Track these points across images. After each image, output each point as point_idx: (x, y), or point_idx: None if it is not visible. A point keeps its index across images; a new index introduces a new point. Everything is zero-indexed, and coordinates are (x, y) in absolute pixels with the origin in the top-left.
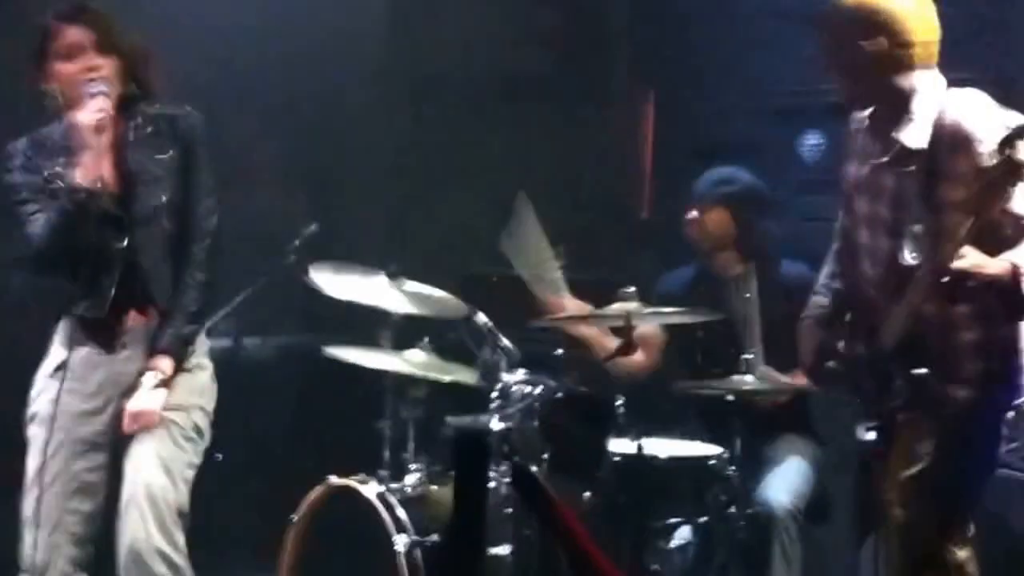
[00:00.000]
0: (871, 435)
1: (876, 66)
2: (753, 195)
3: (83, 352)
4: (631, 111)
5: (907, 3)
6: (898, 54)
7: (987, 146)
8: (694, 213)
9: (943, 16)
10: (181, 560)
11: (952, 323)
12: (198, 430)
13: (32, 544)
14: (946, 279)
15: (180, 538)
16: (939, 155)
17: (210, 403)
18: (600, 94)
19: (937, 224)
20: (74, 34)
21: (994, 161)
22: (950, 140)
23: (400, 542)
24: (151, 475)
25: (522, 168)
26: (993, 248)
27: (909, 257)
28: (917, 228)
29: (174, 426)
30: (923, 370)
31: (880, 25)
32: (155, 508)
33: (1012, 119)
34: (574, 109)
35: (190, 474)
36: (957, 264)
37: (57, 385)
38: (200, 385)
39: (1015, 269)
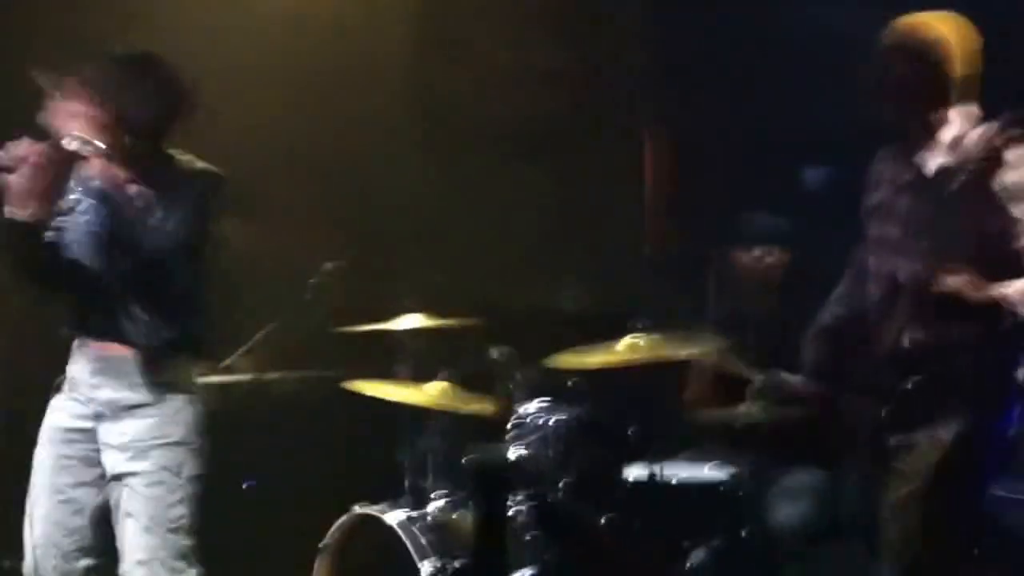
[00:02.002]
0: (869, 453)
1: (916, 93)
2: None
3: (75, 371)
4: (644, 148)
5: (954, 37)
6: (939, 85)
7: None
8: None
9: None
10: None
11: (947, 346)
12: (168, 468)
13: (28, 557)
14: (933, 297)
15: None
16: (951, 181)
17: (181, 431)
18: (615, 131)
19: (939, 245)
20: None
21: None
22: (967, 172)
23: (425, 568)
24: (132, 542)
25: (541, 204)
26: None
27: (906, 276)
28: (920, 247)
29: (137, 479)
30: (917, 390)
31: (925, 55)
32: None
33: None
34: (591, 146)
35: (175, 512)
36: (944, 284)
37: (56, 401)
38: (163, 420)
39: (1000, 298)
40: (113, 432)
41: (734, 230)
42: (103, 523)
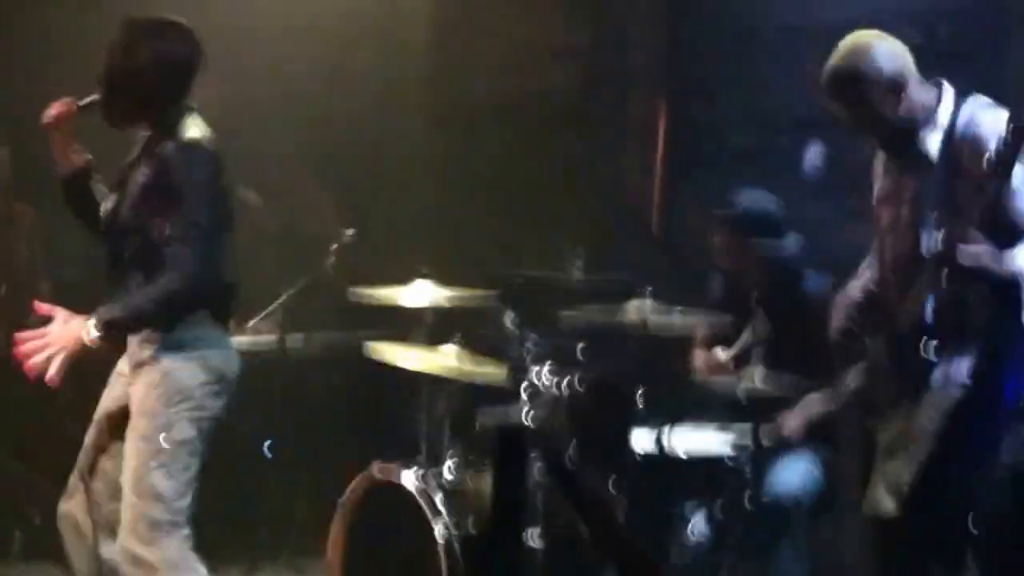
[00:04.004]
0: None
1: (877, 107)
2: (750, 216)
3: None
4: (647, 123)
5: (881, 61)
6: (891, 91)
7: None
8: (713, 238)
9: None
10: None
11: (959, 319)
12: (146, 436)
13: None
14: (950, 271)
15: (155, 545)
16: (953, 158)
17: (167, 394)
18: (618, 106)
19: (950, 220)
20: None
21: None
22: (963, 144)
23: (438, 528)
24: (126, 491)
25: (546, 176)
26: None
27: (925, 253)
28: (932, 225)
29: (128, 442)
30: (928, 359)
31: (863, 90)
32: (130, 518)
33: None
34: (595, 121)
35: (149, 480)
36: (965, 258)
37: None
38: (152, 381)
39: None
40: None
41: (731, 207)
42: None
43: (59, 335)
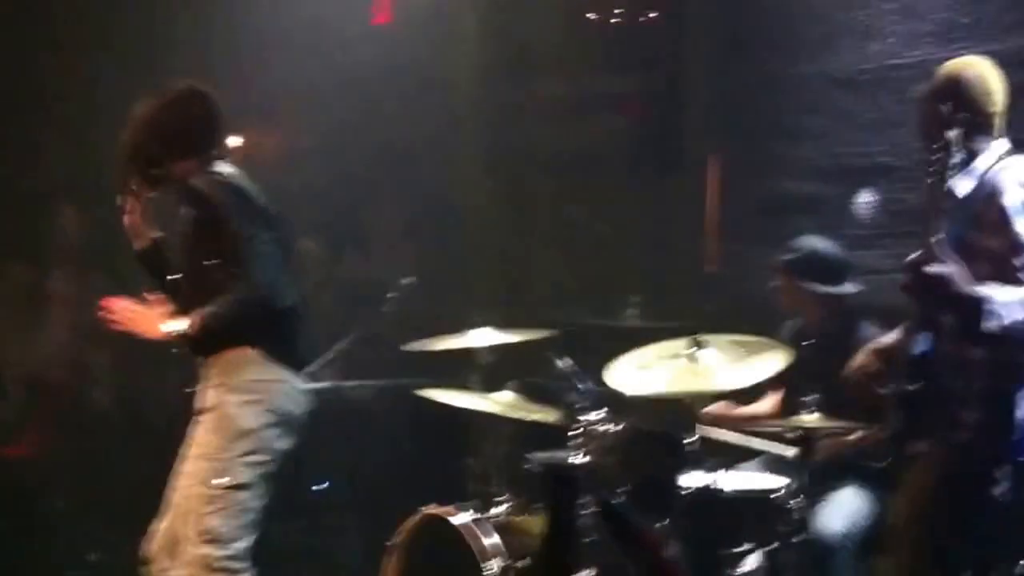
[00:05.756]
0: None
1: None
2: (808, 261)
3: None
4: (701, 172)
5: (982, 78)
6: (967, 120)
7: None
8: (773, 281)
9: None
10: None
11: (962, 370)
12: (200, 480)
13: None
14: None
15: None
16: (975, 206)
17: (216, 440)
18: (672, 156)
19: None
20: None
21: None
22: (985, 195)
23: (489, 567)
24: (187, 532)
25: (602, 224)
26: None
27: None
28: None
29: (201, 483)
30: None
31: (954, 93)
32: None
33: None
34: (649, 171)
35: (204, 524)
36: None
37: None
38: (203, 428)
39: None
40: None
41: (791, 251)
42: None
43: (146, 318)
